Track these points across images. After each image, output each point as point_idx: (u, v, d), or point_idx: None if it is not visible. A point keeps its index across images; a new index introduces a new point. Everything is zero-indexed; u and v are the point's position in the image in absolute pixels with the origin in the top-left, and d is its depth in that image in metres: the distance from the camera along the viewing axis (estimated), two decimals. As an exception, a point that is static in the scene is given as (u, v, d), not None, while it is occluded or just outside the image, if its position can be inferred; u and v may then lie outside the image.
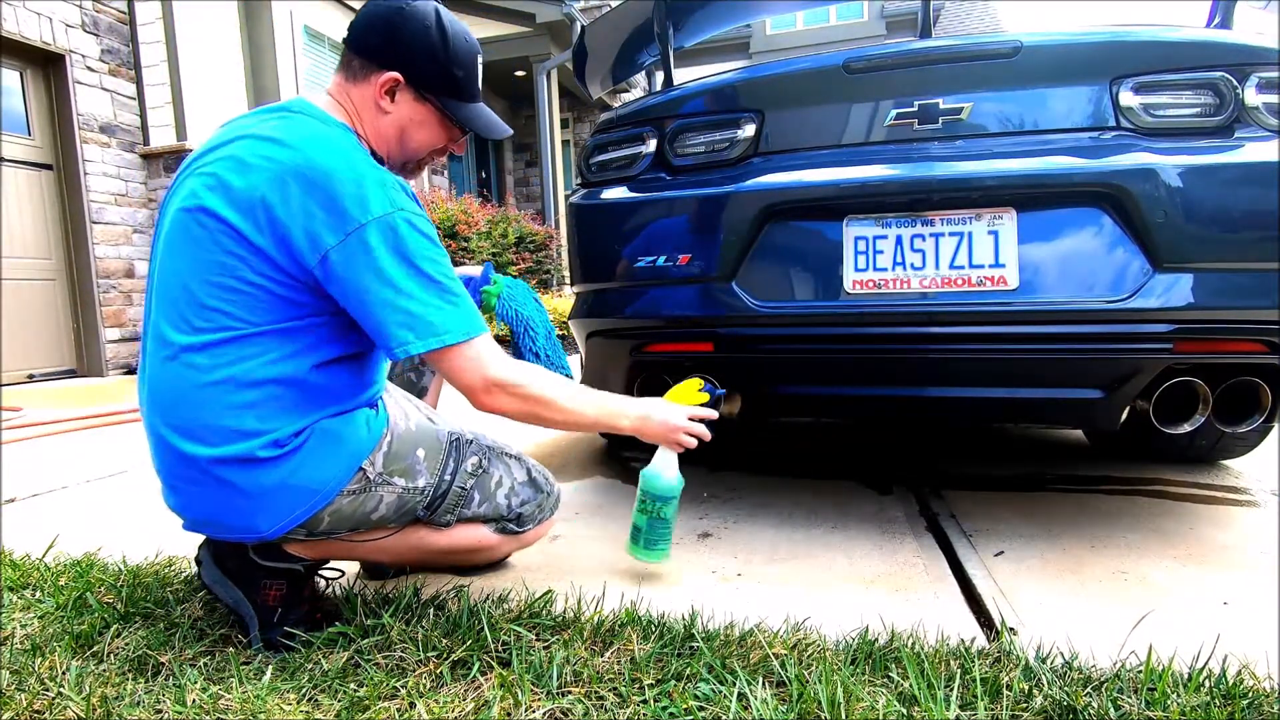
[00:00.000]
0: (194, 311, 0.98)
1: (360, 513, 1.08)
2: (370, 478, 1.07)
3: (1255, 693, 0.88)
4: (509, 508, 1.22)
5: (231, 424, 0.98)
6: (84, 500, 2.04)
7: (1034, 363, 1.40)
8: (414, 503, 1.13)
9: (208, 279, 0.98)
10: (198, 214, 0.99)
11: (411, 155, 1.18)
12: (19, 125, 4.68)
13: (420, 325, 1.00)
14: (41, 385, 4.61)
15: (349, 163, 0.99)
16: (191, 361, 0.98)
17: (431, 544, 1.19)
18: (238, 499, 1.01)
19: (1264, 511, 1.69)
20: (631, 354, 1.67)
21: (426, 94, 1.12)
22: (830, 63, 1.50)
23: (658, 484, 1.30)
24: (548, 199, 8.60)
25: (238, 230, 0.97)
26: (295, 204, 0.96)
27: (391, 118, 1.13)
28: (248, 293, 0.98)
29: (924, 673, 0.92)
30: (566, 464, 2.32)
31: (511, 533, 1.24)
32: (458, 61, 1.12)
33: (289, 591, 1.11)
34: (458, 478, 1.16)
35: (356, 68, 1.11)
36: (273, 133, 1.02)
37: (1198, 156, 1.28)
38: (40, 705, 0.91)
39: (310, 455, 1.02)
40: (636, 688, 0.92)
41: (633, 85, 9.32)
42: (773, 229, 1.50)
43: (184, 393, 0.99)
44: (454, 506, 1.17)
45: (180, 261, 1.00)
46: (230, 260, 0.97)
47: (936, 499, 1.83)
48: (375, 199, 0.98)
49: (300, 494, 1.02)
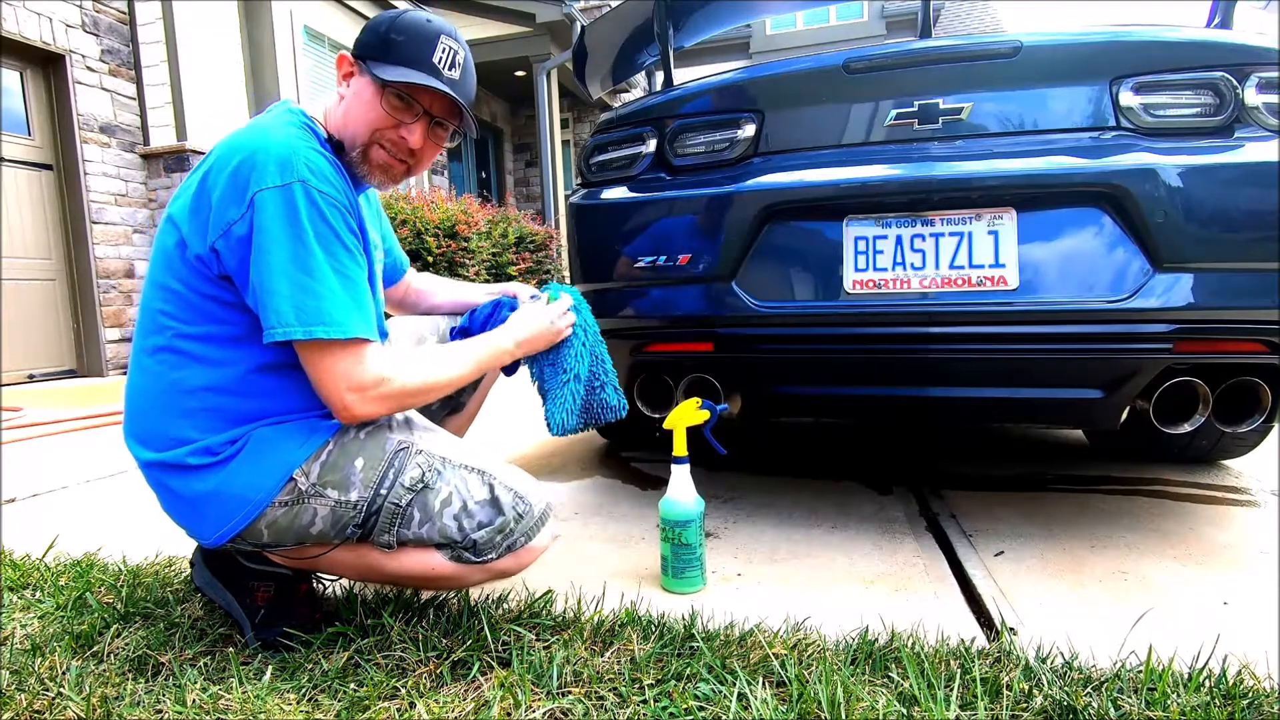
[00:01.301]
0: (150, 317, 1.02)
1: (297, 525, 1.02)
2: (302, 489, 1.00)
3: (1255, 693, 0.88)
4: (460, 530, 1.03)
5: (171, 430, 1.00)
6: (84, 500, 2.04)
7: (1034, 363, 1.39)
8: (347, 518, 1.02)
9: (158, 282, 1.02)
10: (166, 221, 1.03)
11: (354, 139, 1.07)
12: (19, 125, 4.68)
13: (290, 309, 0.93)
14: (41, 385, 4.61)
15: (261, 136, 0.96)
16: (145, 366, 1.02)
17: (381, 567, 1.07)
18: (179, 504, 1.03)
19: (1264, 511, 1.69)
20: (632, 354, 1.67)
21: (364, 65, 1.05)
22: (830, 63, 1.50)
23: (671, 508, 1.29)
24: (548, 199, 8.60)
25: (174, 223, 1.00)
26: (211, 186, 0.96)
27: (344, 103, 1.08)
28: (182, 294, 0.99)
29: (924, 673, 0.92)
30: (566, 464, 2.32)
31: (469, 562, 1.05)
32: (399, 29, 1.04)
33: (277, 594, 1.10)
34: (392, 492, 1.02)
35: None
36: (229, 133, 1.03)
37: (1198, 156, 1.28)
38: (40, 705, 0.91)
39: (243, 464, 0.99)
40: (636, 688, 0.92)
41: (633, 85, 9.31)
42: (773, 229, 1.50)
43: (137, 397, 1.03)
44: (389, 526, 1.03)
45: (151, 266, 1.05)
46: (172, 261, 1.00)
47: (936, 499, 1.83)
48: (277, 166, 0.93)
49: (232, 503, 0.99)
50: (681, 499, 1.29)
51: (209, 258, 0.97)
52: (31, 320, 4.73)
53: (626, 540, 1.60)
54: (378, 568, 1.08)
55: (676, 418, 1.33)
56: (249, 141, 0.96)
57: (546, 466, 2.30)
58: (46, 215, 4.83)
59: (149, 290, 1.03)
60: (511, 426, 2.83)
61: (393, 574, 1.08)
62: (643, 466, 2.25)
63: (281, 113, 1.05)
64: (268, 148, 0.95)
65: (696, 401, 1.37)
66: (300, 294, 0.93)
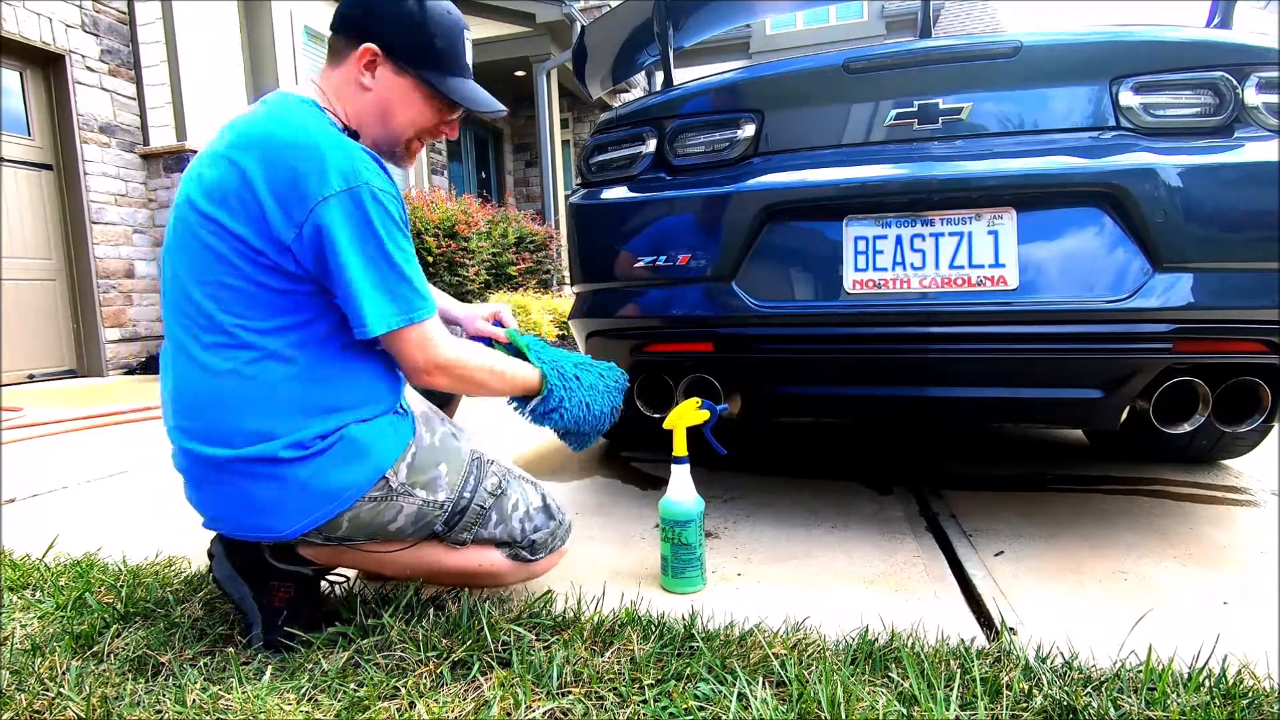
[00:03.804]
0: (200, 314, 0.99)
1: (378, 521, 1.07)
2: (393, 486, 1.06)
3: (1255, 693, 0.88)
4: (523, 532, 1.18)
5: (252, 425, 0.98)
6: (84, 500, 2.04)
7: (1034, 363, 1.40)
8: (432, 516, 1.11)
9: (203, 279, 0.98)
10: (184, 209, 1.00)
11: (397, 137, 1.12)
12: (19, 125, 4.69)
13: (375, 307, 0.98)
14: (41, 385, 4.61)
15: (306, 134, 0.97)
16: (207, 364, 0.99)
17: (442, 563, 1.16)
18: (258, 499, 1.01)
19: (1264, 511, 1.69)
20: (632, 354, 1.67)
21: (406, 66, 1.08)
22: (830, 63, 1.50)
23: (671, 508, 1.29)
24: (548, 199, 8.60)
25: (216, 221, 0.97)
26: (259, 182, 0.95)
27: (371, 95, 1.09)
28: (244, 289, 0.98)
29: (924, 673, 0.92)
30: (566, 464, 2.32)
31: (524, 560, 1.19)
32: (438, 30, 1.07)
33: (296, 594, 1.11)
34: (477, 495, 1.14)
35: (338, 48, 1.09)
36: (241, 121, 1.02)
37: (1197, 156, 1.28)
38: (40, 705, 0.91)
39: (335, 459, 1.02)
40: (636, 688, 0.92)
41: (633, 85, 9.31)
42: (772, 229, 1.50)
43: (203, 395, 1.00)
44: (471, 525, 1.14)
45: (180, 264, 1.01)
46: (219, 256, 0.97)
47: (936, 499, 1.83)
48: (337, 170, 0.96)
49: (321, 497, 1.02)
50: (681, 499, 1.29)
51: (278, 255, 0.97)
52: (31, 320, 4.73)
53: (626, 540, 1.60)
54: (436, 562, 1.16)
55: (676, 418, 1.33)
56: (297, 138, 0.97)
57: (546, 466, 2.30)
58: (46, 215, 4.83)
59: (190, 287, 0.99)
60: (511, 426, 2.83)
61: (451, 569, 1.17)
62: (643, 466, 2.25)
63: (298, 103, 1.04)
64: (321, 148, 0.96)
65: (696, 401, 1.37)
66: (385, 289, 0.99)
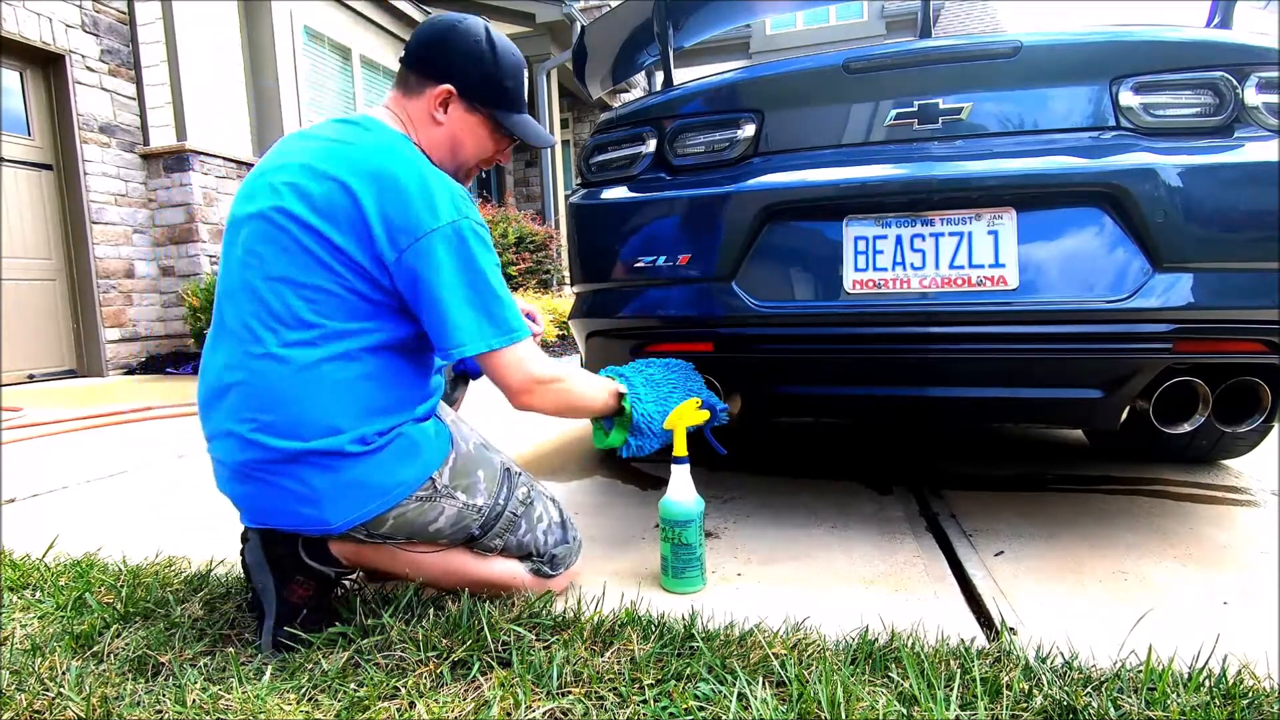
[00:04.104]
0: (289, 312, 1.04)
1: (421, 521, 1.13)
2: (438, 487, 1.13)
3: (1255, 693, 0.88)
4: (545, 544, 1.24)
5: (323, 419, 1.03)
6: (84, 500, 2.04)
7: (1034, 363, 1.40)
8: (470, 520, 1.17)
9: (299, 281, 1.04)
10: (279, 216, 1.05)
11: (462, 165, 1.24)
12: (19, 125, 4.69)
13: (473, 329, 1.07)
14: (41, 385, 4.61)
15: (417, 170, 1.06)
16: (288, 359, 1.03)
17: (469, 571, 1.21)
18: (315, 491, 1.05)
19: (1264, 511, 1.69)
20: (632, 354, 1.67)
21: (477, 105, 1.19)
22: (830, 63, 1.50)
23: (671, 508, 1.29)
24: (548, 199, 8.61)
25: (319, 232, 1.03)
26: (371, 207, 1.03)
27: (444, 129, 1.19)
28: (334, 292, 1.04)
29: (924, 673, 0.92)
30: (566, 464, 2.32)
31: (544, 575, 1.25)
32: (507, 73, 1.20)
33: (315, 594, 1.14)
34: (510, 504, 1.21)
35: (412, 83, 1.18)
36: (344, 139, 1.10)
37: (1197, 156, 1.28)
38: (40, 705, 0.91)
39: (390, 456, 1.08)
40: (636, 688, 0.92)
41: (633, 85, 9.32)
42: (773, 229, 1.50)
43: (280, 389, 1.03)
44: (504, 531, 1.20)
45: (264, 264, 1.05)
46: (314, 260, 1.03)
47: (936, 499, 1.83)
48: (444, 206, 1.05)
49: (375, 492, 1.07)
50: (681, 499, 1.29)
51: (377, 272, 1.05)
52: (31, 320, 4.73)
53: (626, 540, 1.60)
54: (463, 570, 1.21)
55: (676, 418, 1.34)
56: (408, 175, 1.05)
57: (547, 466, 2.30)
58: (46, 215, 4.83)
59: (280, 287, 1.04)
60: (511, 427, 2.84)
61: (476, 578, 1.21)
62: (643, 466, 2.25)
63: (399, 139, 1.13)
64: (429, 186, 1.06)
65: (696, 401, 1.37)
66: (484, 313, 1.08)
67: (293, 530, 1.11)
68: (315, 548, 1.15)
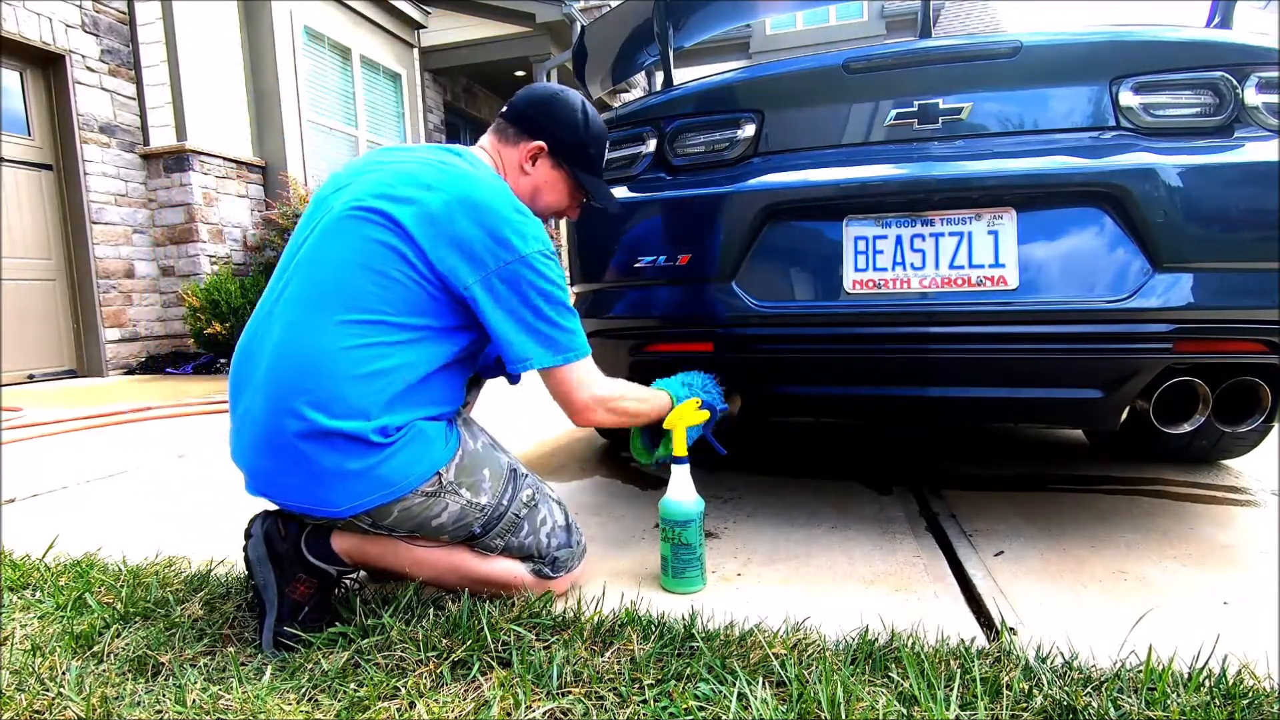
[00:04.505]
0: (347, 293, 1.09)
1: (425, 515, 1.15)
2: (444, 483, 1.15)
3: (1255, 693, 0.88)
4: (547, 547, 1.26)
5: (355, 400, 1.06)
6: (84, 500, 2.04)
7: (1034, 362, 1.39)
8: (472, 518, 1.19)
9: (369, 267, 1.09)
10: (371, 214, 1.11)
11: (539, 212, 1.34)
12: (19, 125, 4.69)
13: (543, 347, 1.16)
14: (41, 385, 4.61)
15: (510, 204, 1.16)
16: (337, 336, 1.07)
17: (470, 569, 1.23)
18: (329, 473, 1.07)
19: (1264, 511, 1.69)
20: (631, 354, 1.67)
21: (563, 163, 1.33)
22: (830, 63, 1.50)
23: (671, 508, 1.29)
24: (548, 199, 8.58)
25: (411, 236, 1.10)
26: (464, 226, 1.11)
27: (530, 179, 1.32)
28: (405, 286, 1.10)
29: (924, 673, 0.92)
30: (566, 464, 2.32)
31: (545, 577, 1.26)
32: (593, 140, 1.34)
33: (316, 592, 1.15)
34: (514, 504, 1.23)
35: (511, 134, 1.31)
36: (448, 163, 1.19)
37: (1197, 156, 1.28)
38: (40, 705, 0.91)
39: (403, 449, 1.11)
40: (636, 688, 0.92)
41: (633, 85, 9.31)
42: (772, 229, 1.50)
43: (320, 360, 1.06)
44: (505, 532, 1.22)
45: (341, 252, 1.11)
46: (395, 258, 1.10)
47: (936, 499, 1.83)
48: (530, 237, 1.15)
49: (381, 481, 1.10)
50: (681, 499, 1.29)
51: (448, 277, 1.12)
52: (31, 320, 4.73)
53: (626, 540, 1.60)
54: (464, 568, 1.22)
55: (676, 418, 1.34)
56: (498, 202, 1.15)
57: (547, 466, 2.30)
58: (46, 215, 4.83)
59: (349, 270, 1.10)
60: (511, 427, 2.83)
61: (477, 577, 1.23)
62: (643, 466, 2.25)
63: (492, 172, 1.25)
64: (516, 216, 1.16)
65: (697, 401, 1.37)
66: (551, 333, 1.16)
67: (298, 510, 1.13)
68: (317, 543, 1.17)
